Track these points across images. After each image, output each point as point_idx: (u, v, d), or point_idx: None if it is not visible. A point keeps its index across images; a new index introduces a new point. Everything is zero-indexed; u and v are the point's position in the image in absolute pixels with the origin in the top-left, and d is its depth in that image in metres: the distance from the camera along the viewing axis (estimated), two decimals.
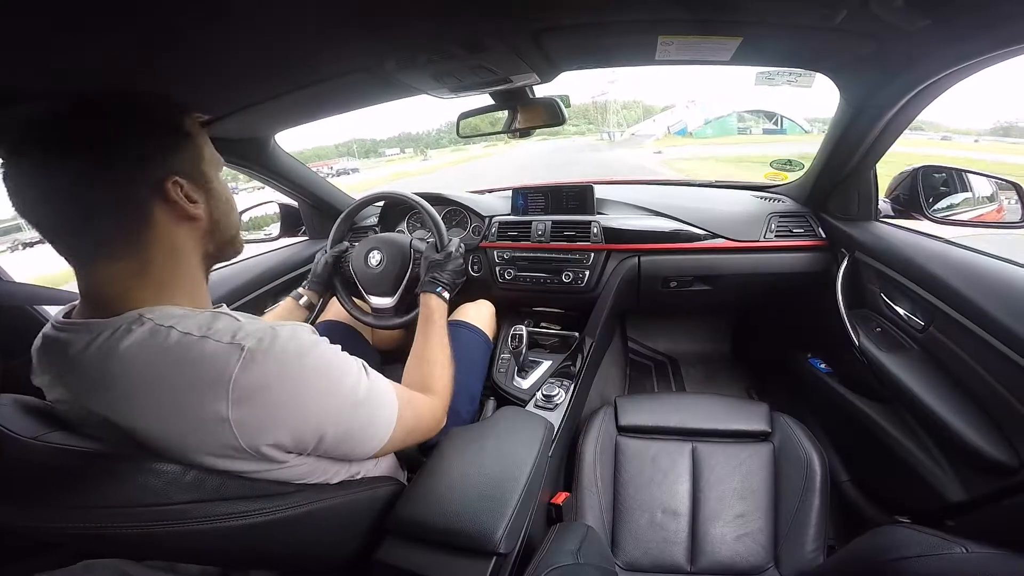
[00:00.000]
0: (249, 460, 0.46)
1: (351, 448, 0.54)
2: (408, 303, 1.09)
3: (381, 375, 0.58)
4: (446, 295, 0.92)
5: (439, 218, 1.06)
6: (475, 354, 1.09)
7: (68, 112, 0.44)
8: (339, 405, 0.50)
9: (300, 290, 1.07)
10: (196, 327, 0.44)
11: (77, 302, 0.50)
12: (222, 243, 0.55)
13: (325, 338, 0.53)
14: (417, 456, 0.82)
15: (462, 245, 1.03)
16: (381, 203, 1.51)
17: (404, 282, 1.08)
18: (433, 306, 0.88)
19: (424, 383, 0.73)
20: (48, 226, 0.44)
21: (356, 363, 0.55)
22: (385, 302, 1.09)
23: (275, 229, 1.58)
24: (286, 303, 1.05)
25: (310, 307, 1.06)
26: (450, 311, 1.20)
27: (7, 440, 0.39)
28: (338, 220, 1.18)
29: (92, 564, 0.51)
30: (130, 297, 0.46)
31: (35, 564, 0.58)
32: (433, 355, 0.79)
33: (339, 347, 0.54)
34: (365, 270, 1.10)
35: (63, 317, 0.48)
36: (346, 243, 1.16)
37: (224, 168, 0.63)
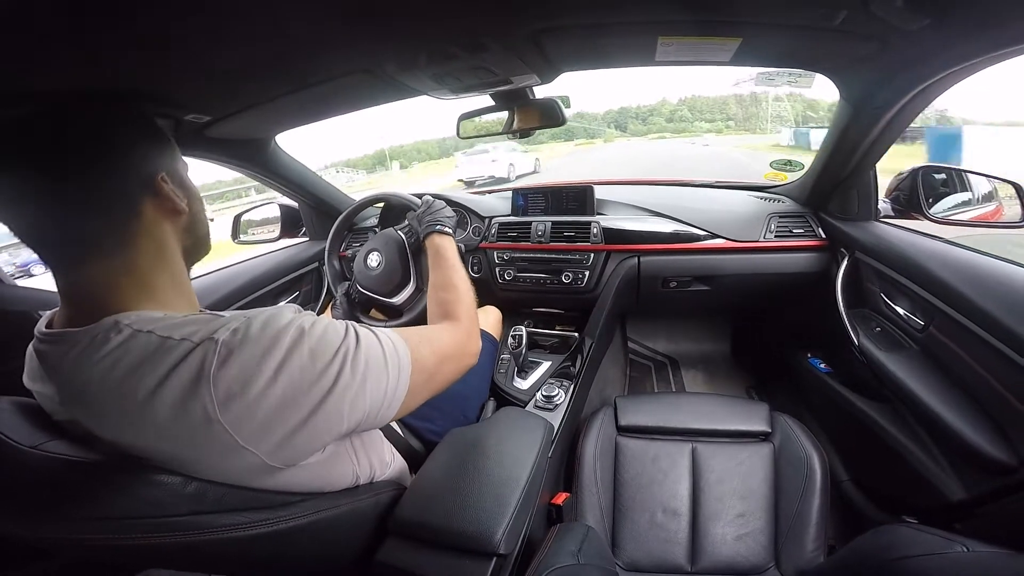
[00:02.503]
0: (255, 460, 0.44)
1: (369, 416, 0.48)
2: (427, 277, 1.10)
3: (379, 328, 0.53)
4: (448, 230, 0.87)
5: (407, 193, 1.08)
6: (483, 359, 1.09)
7: (63, 110, 0.44)
8: (334, 374, 0.45)
9: None
10: (175, 330, 0.42)
11: (57, 310, 0.49)
12: (198, 238, 0.55)
13: (310, 312, 0.50)
14: (426, 456, 0.82)
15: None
16: (380, 204, 1.51)
17: (410, 261, 1.08)
18: (439, 242, 0.84)
19: (444, 310, 0.70)
20: (35, 229, 0.43)
21: (343, 324, 0.49)
22: (406, 292, 1.09)
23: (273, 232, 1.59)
24: None
25: None
26: None
27: (6, 449, 0.38)
28: (328, 246, 1.20)
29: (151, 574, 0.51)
30: (113, 298, 0.45)
31: (34, 570, 0.58)
32: (450, 281, 0.75)
33: (324, 317, 0.50)
34: (371, 276, 1.10)
35: (45, 327, 0.47)
36: (347, 283, 1.16)
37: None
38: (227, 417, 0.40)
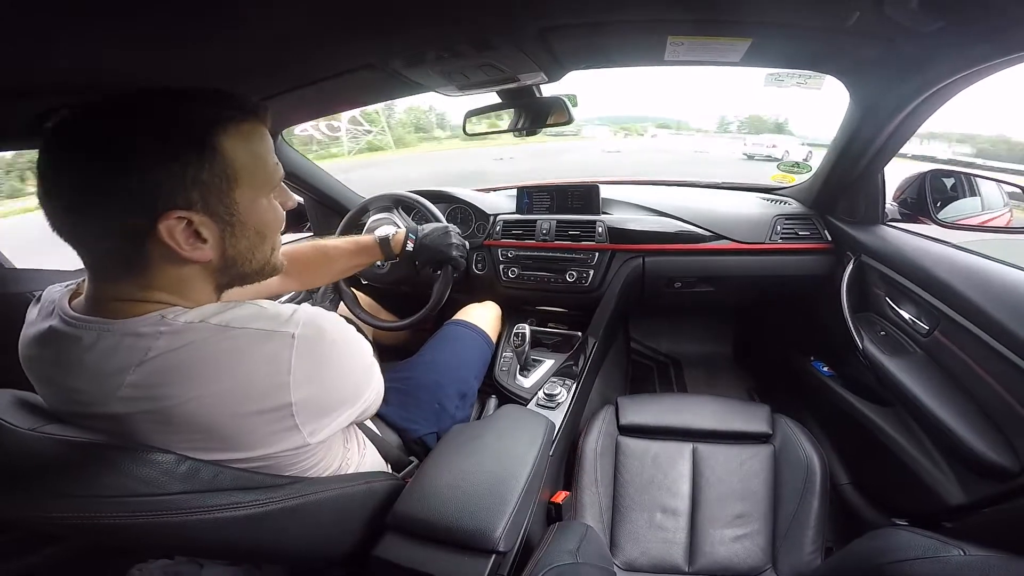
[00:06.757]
0: (298, 440, 0.48)
1: (370, 408, 0.60)
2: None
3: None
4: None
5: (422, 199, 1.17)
6: (469, 352, 1.08)
7: (75, 115, 0.41)
8: (368, 373, 0.57)
9: (384, 232, 1.01)
10: (229, 318, 0.44)
11: (78, 284, 0.49)
12: (240, 276, 0.51)
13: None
14: (400, 455, 0.81)
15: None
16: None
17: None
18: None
19: None
20: (57, 232, 0.42)
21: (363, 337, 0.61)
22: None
23: None
24: (363, 239, 0.99)
25: (388, 256, 1.00)
26: (455, 311, 1.21)
27: (4, 432, 0.40)
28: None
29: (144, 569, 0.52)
30: (139, 305, 0.44)
31: (38, 560, 0.58)
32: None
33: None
34: (375, 275, 1.15)
35: (69, 306, 0.46)
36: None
37: None
38: (298, 400, 0.45)
